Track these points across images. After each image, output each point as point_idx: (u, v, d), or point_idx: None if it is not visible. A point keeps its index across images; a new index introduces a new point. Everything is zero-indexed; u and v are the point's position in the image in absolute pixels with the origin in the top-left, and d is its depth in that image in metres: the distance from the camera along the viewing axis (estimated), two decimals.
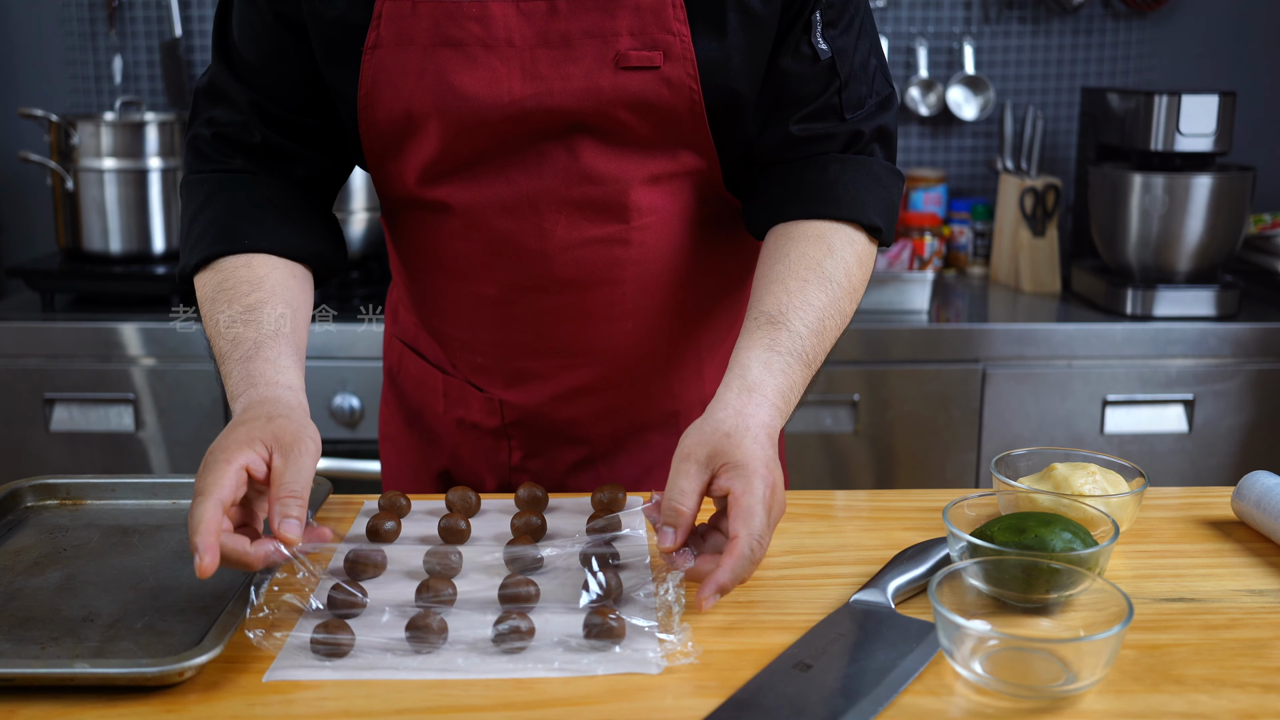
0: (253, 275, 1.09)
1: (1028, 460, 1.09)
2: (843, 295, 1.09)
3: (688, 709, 0.78)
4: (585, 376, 1.21)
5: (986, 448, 2.35)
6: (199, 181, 1.17)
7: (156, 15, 2.79)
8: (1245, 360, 2.35)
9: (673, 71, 1.08)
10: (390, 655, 0.83)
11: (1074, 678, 0.78)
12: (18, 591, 0.94)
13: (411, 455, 1.33)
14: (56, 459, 2.31)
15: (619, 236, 1.14)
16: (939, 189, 2.81)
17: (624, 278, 1.16)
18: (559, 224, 1.13)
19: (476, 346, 1.23)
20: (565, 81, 1.08)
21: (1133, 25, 2.83)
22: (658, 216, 1.15)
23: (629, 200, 1.13)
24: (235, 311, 1.06)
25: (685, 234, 1.17)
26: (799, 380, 1.02)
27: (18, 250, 2.89)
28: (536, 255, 1.14)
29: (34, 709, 0.78)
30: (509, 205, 1.13)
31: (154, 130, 2.48)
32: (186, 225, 1.16)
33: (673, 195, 1.15)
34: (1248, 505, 1.07)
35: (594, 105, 1.08)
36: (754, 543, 0.88)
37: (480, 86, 1.08)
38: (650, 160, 1.12)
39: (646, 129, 1.10)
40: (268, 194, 1.16)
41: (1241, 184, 2.38)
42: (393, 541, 1.05)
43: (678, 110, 1.09)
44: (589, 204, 1.12)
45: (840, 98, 1.14)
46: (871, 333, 2.32)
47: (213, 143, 1.17)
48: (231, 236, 1.12)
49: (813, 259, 1.09)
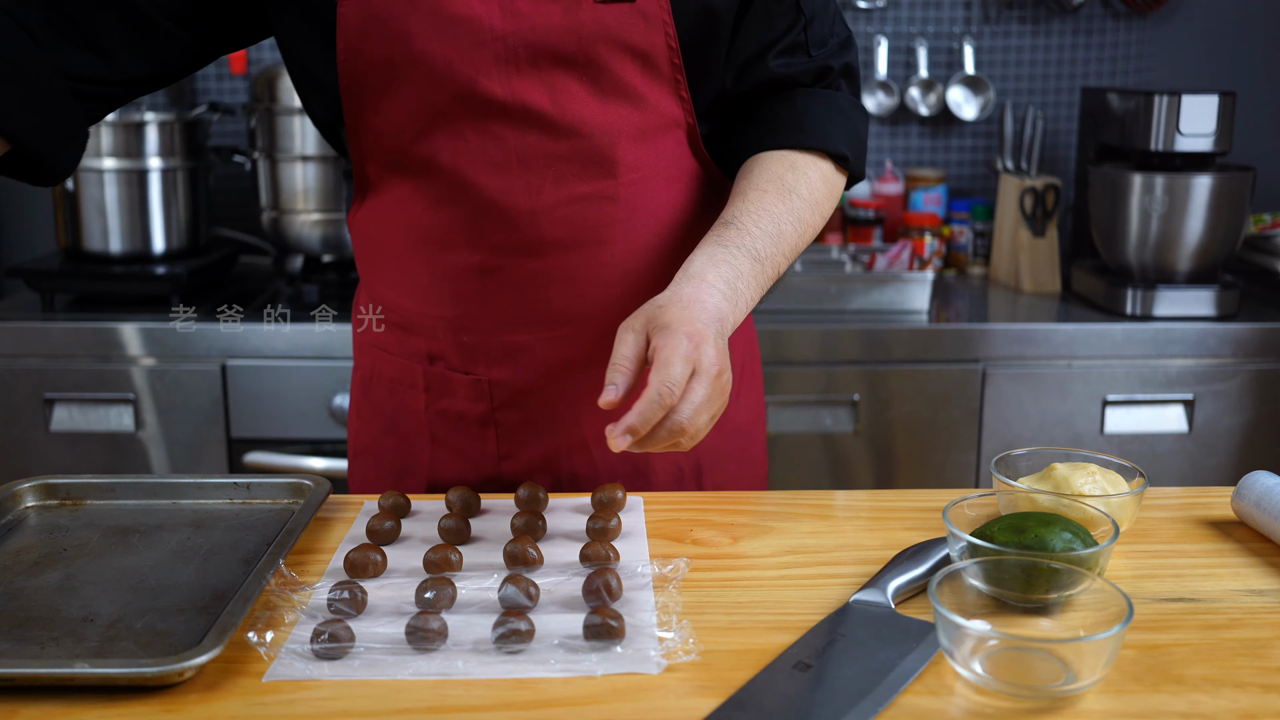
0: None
1: (1028, 460, 1.09)
2: (803, 205, 1.14)
3: (688, 709, 0.78)
4: (574, 348, 1.19)
5: (986, 448, 2.35)
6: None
7: None
8: (1245, 360, 2.35)
9: (647, 5, 1.11)
10: (390, 655, 0.83)
11: (1074, 678, 0.78)
12: (18, 591, 0.94)
13: (390, 463, 1.30)
14: (56, 459, 2.31)
15: (607, 193, 1.15)
16: (939, 189, 2.81)
17: (612, 237, 1.16)
18: (547, 180, 1.14)
19: (462, 324, 1.20)
20: (545, 17, 1.10)
21: (1133, 25, 2.84)
22: (644, 173, 1.16)
23: (617, 154, 1.14)
24: None
25: (671, 193, 1.19)
26: (747, 271, 1.06)
27: (18, 250, 2.89)
28: (525, 215, 1.14)
29: (34, 709, 0.78)
30: (497, 162, 1.13)
31: (154, 130, 2.48)
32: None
33: (659, 153, 1.17)
34: (1248, 505, 1.07)
35: (575, 41, 1.10)
36: (663, 387, 0.92)
37: (460, 26, 1.09)
38: (634, 111, 1.14)
39: (627, 70, 1.12)
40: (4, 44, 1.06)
41: (1241, 184, 2.38)
42: (393, 541, 1.05)
43: (655, 48, 1.12)
44: (576, 158, 1.13)
45: (806, 35, 1.20)
46: (871, 333, 2.32)
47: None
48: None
49: (774, 174, 1.15)
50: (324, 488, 1.10)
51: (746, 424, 1.34)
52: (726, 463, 1.31)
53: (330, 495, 1.11)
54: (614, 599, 0.90)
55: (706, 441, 1.26)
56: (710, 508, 1.13)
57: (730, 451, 1.31)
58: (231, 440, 2.31)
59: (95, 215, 2.47)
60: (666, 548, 1.04)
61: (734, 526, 1.08)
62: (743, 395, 1.32)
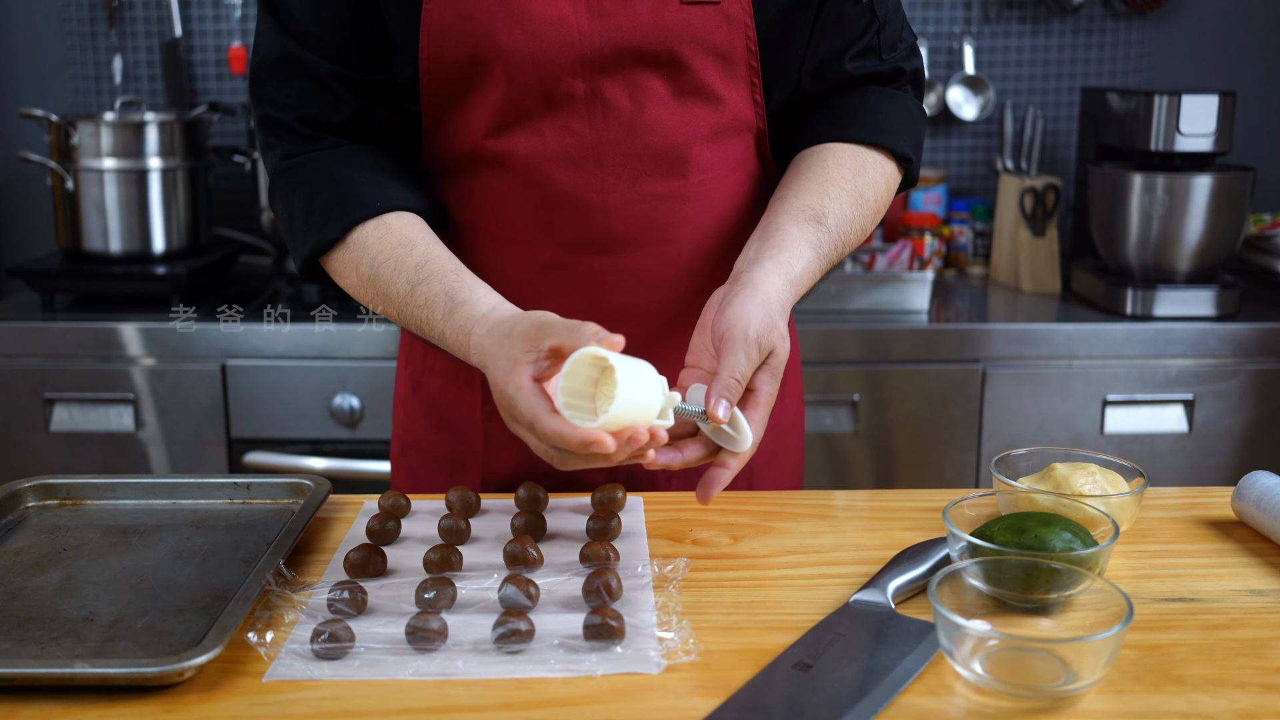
0: (403, 237, 1.11)
1: (1028, 460, 1.09)
2: (868, 213, 1.17)
3: (688, 709, 0.78)
4: (641, 347, 1.19)
5: (986, 448, 2.35)
6: (300, 164, 1.16)
7: (156, 15, 2.79)
8: (1245, 360, 2.35)
9: (730, 7, 1.12)
10: (390, 655, 0.83)
11: (1074, 678, 0.78)
12: (18, 591, 0.94)
13: (444, 459, 1.30)
14: (56, 459, 2.31)
15: (677, 193, 1.16)
16: (939, 189, 2.81)
17: (680, 237, 1.17)
18: (621, 178, 1.14)
19: None
20: (632, 17, 1.10)
21: (1133, 25, 2.84)
22: (714, 174, 1.17)
23: (690, 155, 1.15)
24: (409, 275, 1.08)
25: (739, 195, 1.20)
26: (815, 271, 1.11)
27: (18, 250, 2.89)
28: (597, 211, 1.15)
29: (34, 709, 0.78)
30: (572, 157, 1.14)
31: (154, 130, 2.48)
32: (301, 206, 1.15)
33: (728, 154, 1.18)
34: (1248, 505, 1.07)
35: (660, 41, 1.11)
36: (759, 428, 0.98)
37: (547, 25, 1.10)
38: (710, 113, 1.15)
39: (707, 71, 1.13)
40: (376, 160, 1.17)
41: (1241, 184, 2.38)
42: (393, 542, 1.05)
43: (735, 49, 1.14)
44: (651, 156, 1.14)
45: (879, 39, 1.21)
46: (871, 333, 2.32)
47: (297, 126, 1.16)
48: (362, 202, 1.12)
49: (849, 170, 1.16)
50: (324, 488, 1.10)
51: (790, 425, 1.36)
52: (774, 464, 1.32)
53: (330, 495, 1.11)
54: (614, 599, 0.90)
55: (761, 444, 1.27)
56: (710, 507, 1.13)
57: (776, 452, 1.32)
58: (231, 440, 2.31)
59: (95, 215, 2.47)
60: (666, 548, 1.04)
61: (734, 526, 1.08)
62: (787, 397, 1.33)
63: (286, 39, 1.14)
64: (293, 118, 1.15)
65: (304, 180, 1.15)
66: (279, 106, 1.16)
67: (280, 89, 1.16)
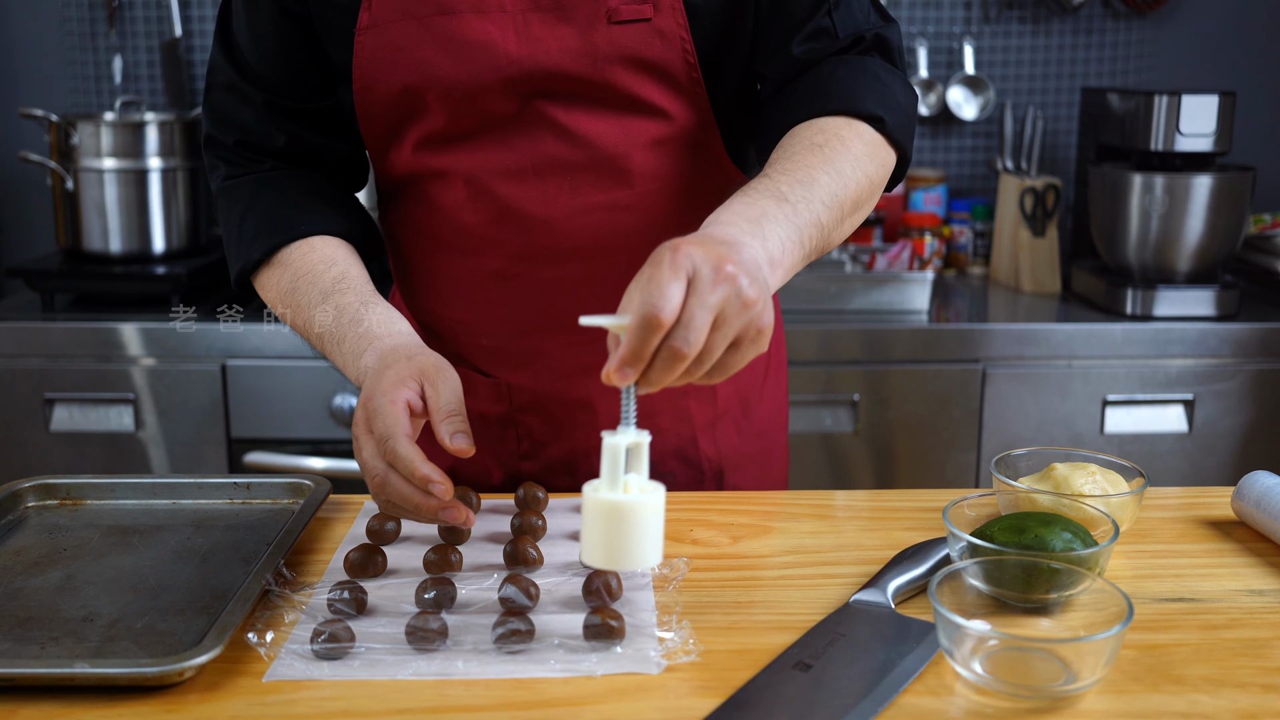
0: (324, 255, 1.15)
1: (1028, 460, 1.09)
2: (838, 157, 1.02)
3: (688, 709, 0.78)
4: (592, 353, 1.19)
5: (986, 448, 2.35)
6: (236, 186, 1.21)
7: (156, 15, 2.79)
8: (1245, 360, 2.35)
9: (664, 22, 1.09)
10: (390, 655, 0.83)
11: (1074, 678, 0.78)
12: (18, 591, 0.94)
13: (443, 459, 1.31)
14: (56, 459, 2.31)
15: (623, 203, 1.15)
16: (939, 189, 2.81)
17: (629, 246, 1.15)
18: (563, 189, 1.14)
19: (482, 327, 1.22)
20: (560, 41, 1.09)
21: (1133, 25, 2.84)
22: (661, 183, 1.15)
23: (631, 165, 1.13)
24: (324, 287, 1.11)
25: (689, 203, 1.17)
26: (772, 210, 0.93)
27: (18, 250, 2.89)
28: (541, 222, 1.14)
29: (34, 709, 0.78)
30: (512, 171, 1.14)
31: (154, 130, 2.48)
32: (235, 227, 1.20)
33: (675, 162, 1.16)
34: (1248, 505, 1.07)
35: (590, 63, 1.09)
36: (646, 304, 0.78)
37: (476, 51, 1.09)
38: (650, 123, 1.13)
39: (643, 87, 1.11)
40: (308, 185, 1.21)
41: (1241, 184, 2.38)
42: (393, 542, 1.05)
43: (672, 63, 1.11)
44: (592, 168, 1.13)
45: (832, 20, 1.12)
46: (871, 333, 2.32)
47: (237, 150, 1.22)
48: (288, 226, 1.17)
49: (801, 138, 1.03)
50: (324, 488, 1.10)
51: (769, 427, 1.33)
52: (749, 466, 1.30)
53: (330, 495, 1.11)
54: (614, 599, 0.90)
55: (728, 444, 1.27)
56: (710, 508, 1.13)
57: (753, 454, 1.30)
58: (231, 440, 2.31)
59: (95, 215, 2.47)
60: (666, 548, 1.03)
61: (734, 526, 1.08)
62: (766, 397, 1.32)
63: (230, 68, 1.20)
64: (232, 141, 1.21)
65: (239, 201, 1.21)
66: (222, 130, 1.22)
67: (224, 114, 1.22)
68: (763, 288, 0.83)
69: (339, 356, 1.09)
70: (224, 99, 1.21)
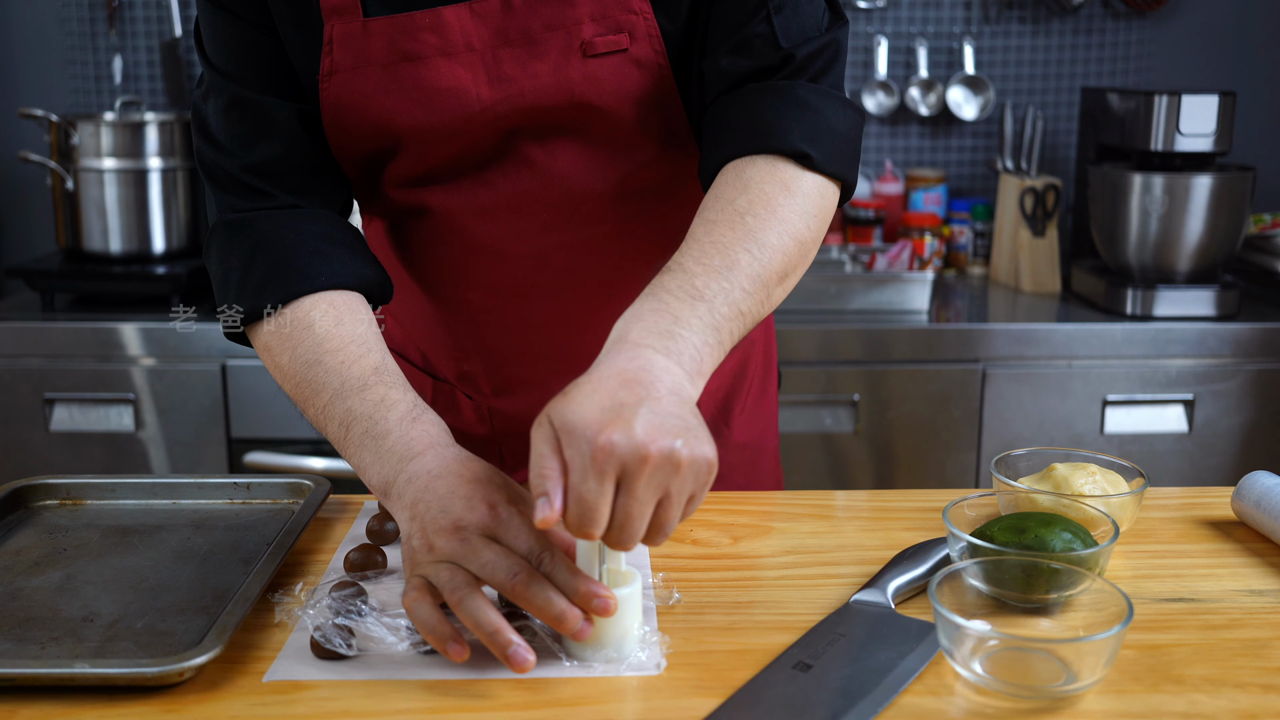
0: (352, 334, 1.01)
1: (1028, 460, 1.09)
2: (763, 227, 0.94)
3: (688, 709, 0.78)
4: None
5: (986, 448, 2.35)
6: (247, 221, 1.07)
7: (156, 15, 2.79)
8: (1245, 360, 2.35)
9: (640, 51, 1.04)
10: (390, 655, 0.83)
11: (1074, 678, 0.78)
12: (18, 591, 0.94)
13: None
14: (56, 459, 2.31)
15: (601, 241, 1.12)
16: (939, 189, 2.81)
17: (609, 283, 1.13)
18: (535, 226, 1.11)
19: (463, 354, 1.20)
20: (534, 79, 1.04)
21: (1133, 25, 2.84)
22: (648, 219, 1.12)
23: (612, 202, 1.10)
24: (360, 373, 0.98)
25: (671, 239, 1.09)
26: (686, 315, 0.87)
27: (18, 250, 2.89)
28: (517, 259, 1.12)
29: (34, 709, 0.78)
30: (488, 209, 1.10)
31: (154, 130, 2.48)
32: (241, 266, 1.05)
33: (659, 198, 1.12)
34: (1248, 505, 1.07)
35: (566, 99, 1.04)
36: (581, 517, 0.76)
37: (446, 97, 1.03)
38: (629, 157, 1.09)
39: (623, 118, 1.06)
40: (324, 227, 1.07)
41: (1241, 184, 2.38)
42: (393, 542, 1.05)
43: (650, 92, 1.06)
44: (569, 205, 1.09)
45: (772, 25, 1.02)
46: (871, 333, 2.32)
47: (246, 175, 1.07)
48: (304, 275, 1.03)
49: (725, 199, 0.96)
50: (324, 488, 1.10)
51: (755, 438, 1.31)
52: (733, 476, 1.28)
53: (330, 495, 1.11)
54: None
55: None
56: (710, 508, 1.13)
57: (736, 465, 1.28)
58: (231, 440, 2.31)
59: (95, 215, 2.48)
60: (667, 548, 1.03)
61: (734, 526, 1.08)
62: (749, 407, 1.30)
63: (226, 83, 1.07)
64: (238, 165, 1.07)
65: (248, 237, 1.06)
66: (223, 154, 1.08)
67: (226, 134, 1.08)
68: (688, 428, 0.78)
69: (375, 448, 0.94)
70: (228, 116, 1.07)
